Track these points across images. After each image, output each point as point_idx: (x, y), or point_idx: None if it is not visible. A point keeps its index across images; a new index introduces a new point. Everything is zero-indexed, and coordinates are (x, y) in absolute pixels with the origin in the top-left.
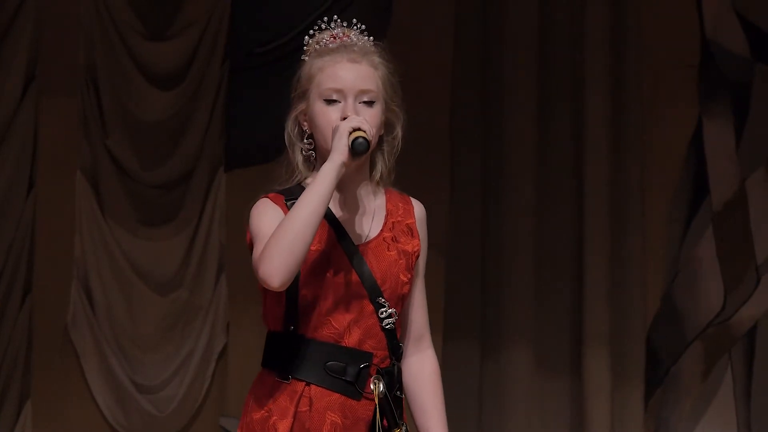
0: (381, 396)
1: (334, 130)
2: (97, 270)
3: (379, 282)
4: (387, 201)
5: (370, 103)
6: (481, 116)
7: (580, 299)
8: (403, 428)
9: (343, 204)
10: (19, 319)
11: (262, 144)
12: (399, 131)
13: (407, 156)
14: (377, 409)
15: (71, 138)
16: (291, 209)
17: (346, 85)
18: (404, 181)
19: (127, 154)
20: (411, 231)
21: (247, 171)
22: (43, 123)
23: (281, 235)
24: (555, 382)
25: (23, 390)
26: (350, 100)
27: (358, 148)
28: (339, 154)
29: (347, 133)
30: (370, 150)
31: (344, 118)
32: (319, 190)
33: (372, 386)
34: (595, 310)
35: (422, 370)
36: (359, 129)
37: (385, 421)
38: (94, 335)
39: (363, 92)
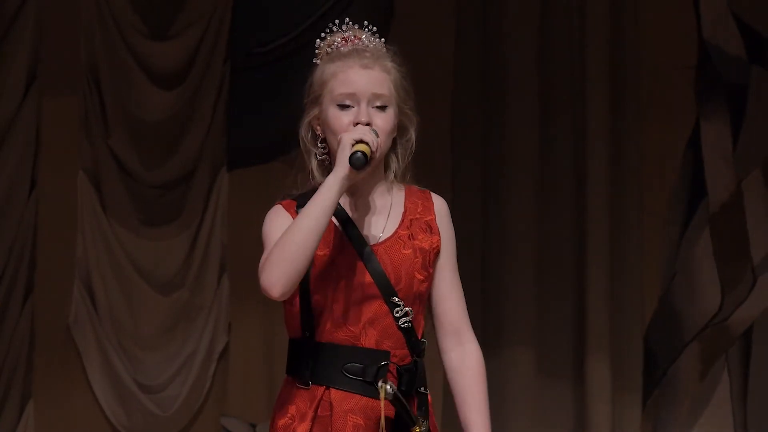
0: (389, 398)
1: (339, 142)
2: (99, 270)
3: (393, 281)
4: (405, 198)
5: (383, 108)
6: (482, 116)
7: (581, 300)
8: (423, 425)
9: (357, 205)
10: (21, 318)
11: (263, 144)
12: (413, 134)
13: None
14: (382, 411)
15: (73, 138)
16: (295, 220)
17: (358, 89)
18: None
19: (128, 153)
20: (430, 228)
21: (249, 171)
22: (44, 123)
23: (282, 246)
24: (556, 383)
25: (25, 390)
26: (363, 105)
27: (355, 163)
28: (342, 167)
29: (350, 146)
30: (371, 162)
31: (357, 124)
32: (321, 202)
33: (378, 387)
34: (596, 311)
35: (463, 364)
36: (362, 141)
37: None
38: (96, 335)
39: (376, 96)
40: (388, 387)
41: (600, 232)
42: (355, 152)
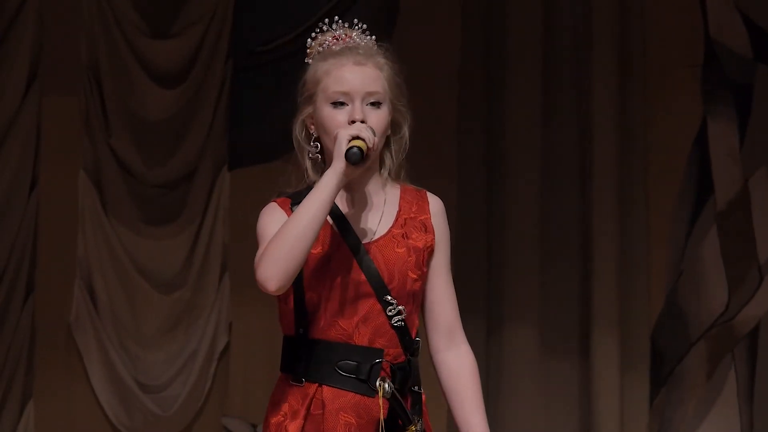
0: (388, 396)
1: (335, 138)
2: (100, 269)
3: (386, 280)
4: (400, 198)
5: (377, 105)
6: (487, 112)
7: (587, 299)
8: (419, 425)
9: (351, 202)
10: (21, 318)
11: (265, 143)
12: (406, 131)
13: (412, 151)
14: (381, 410)
15: (74, 137)
16: (292, 215)
17: (352, 87)
18: (410, 173)
19: (130, 152)
20: (425, 226)
21: (251, 170)
22: (45, 122)
23: (280, 241)
24: (562, 381)
25: (26, 389)
26: (357, 103)
27: (351, 158)
28: (339, 163)
29: (346, 141)
30: (367, 158)
31: (352, 122)
32: (319, 197)
33: (377, 385)
34: (603, 311)
35: (461, 367)
36: (358, 137)
37: (399, 421)
38: (97, 334)
39: (370, 94)
40: (387, 386)
41: (606, 230)
42: (351, 147)
